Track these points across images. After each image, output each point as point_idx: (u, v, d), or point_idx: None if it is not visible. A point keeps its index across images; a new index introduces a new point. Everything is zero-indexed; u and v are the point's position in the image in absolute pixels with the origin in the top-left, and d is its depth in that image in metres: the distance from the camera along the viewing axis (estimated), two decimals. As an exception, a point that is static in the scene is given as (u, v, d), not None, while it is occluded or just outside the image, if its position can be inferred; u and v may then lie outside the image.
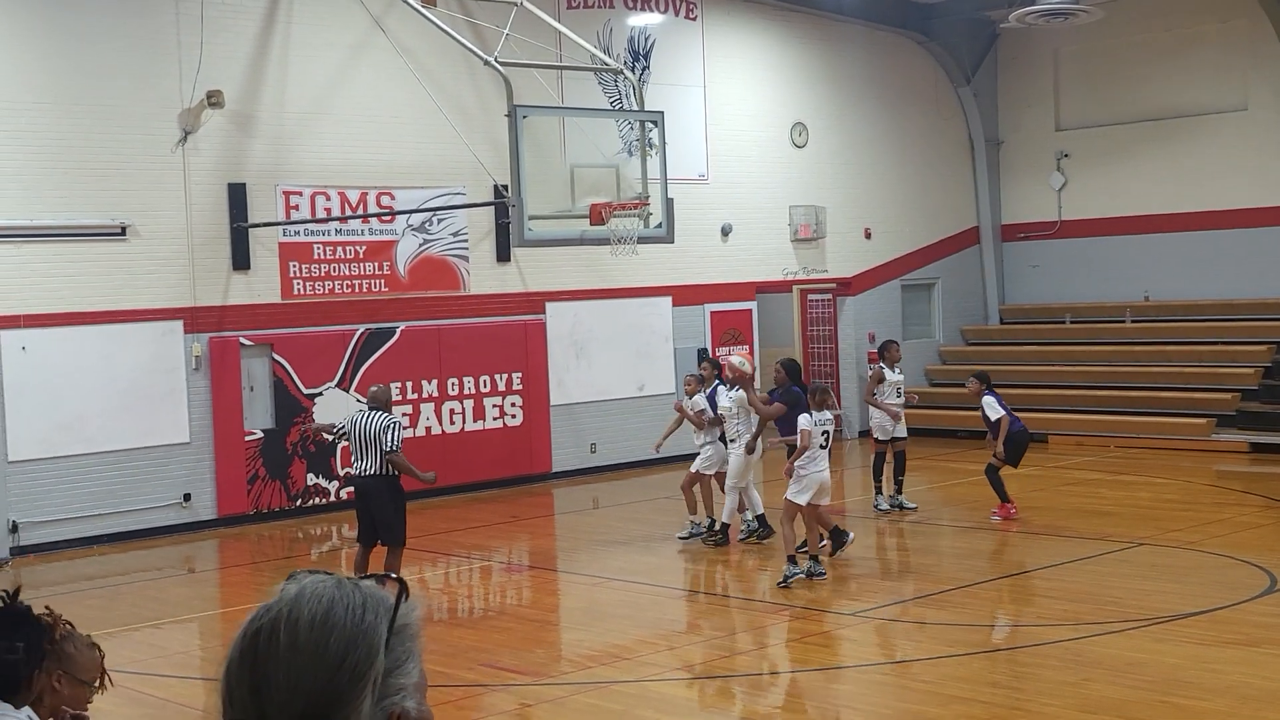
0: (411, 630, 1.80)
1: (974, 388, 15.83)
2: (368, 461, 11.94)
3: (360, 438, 11.97)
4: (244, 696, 1.73)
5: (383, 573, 1.83)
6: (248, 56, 17.28)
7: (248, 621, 1.78)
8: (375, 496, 12.02)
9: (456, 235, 19.01)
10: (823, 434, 12.80)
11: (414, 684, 1.77)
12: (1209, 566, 12.95)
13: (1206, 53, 23.24)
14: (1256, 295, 22.66)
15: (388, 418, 11.99)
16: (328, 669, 1.70)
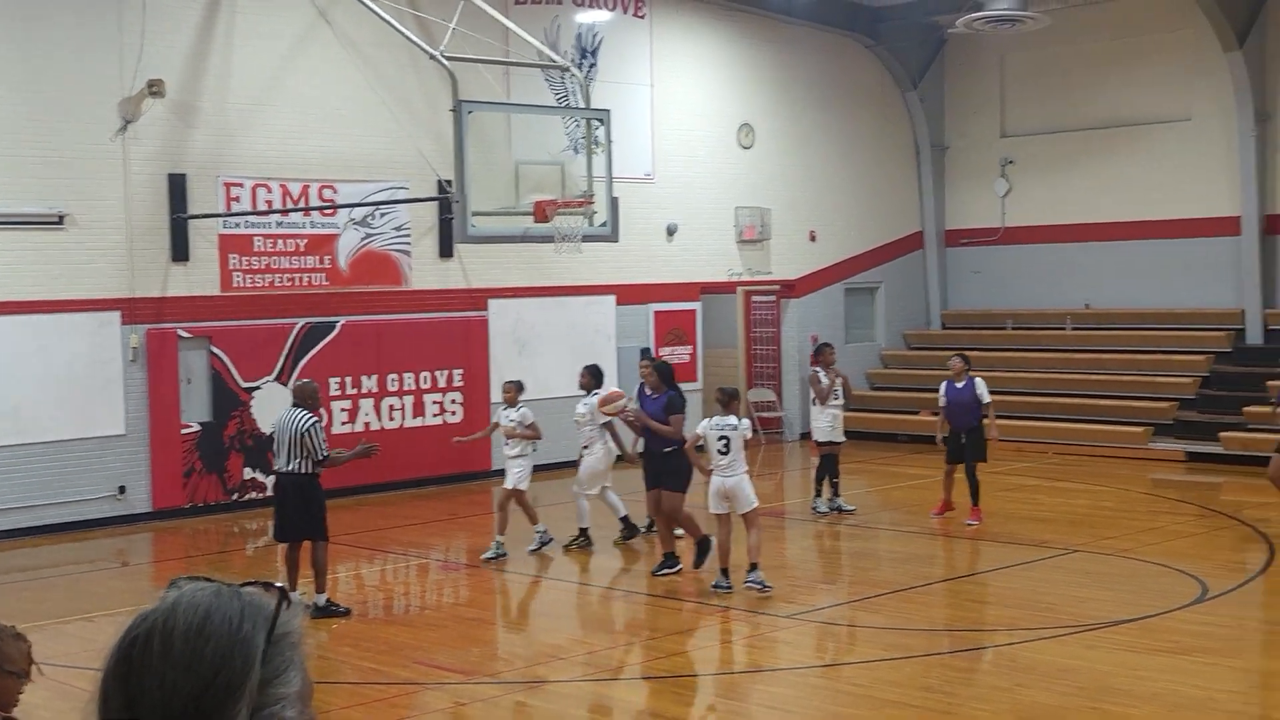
0: (292, 639, 1.76)
1: (959, 367, 15.64)
2: (286, 458, 11.87)
3: (279, 435, 11.92)
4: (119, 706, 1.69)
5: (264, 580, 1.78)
6: (190, 45, 17.08)
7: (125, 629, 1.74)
8: (293, 493, 11.96)
9: (399, 230, 18.88)
10: (720, 440, 12.14)
11: (295, 693, 1.74)
12: (1142, 574, 13.06)
13: (1151, 63, 23.45)
14: (1196, 305, 22.90)
15: (309, 420, 11.86)
16: (202, 680, 1.67)
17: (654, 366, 13.89)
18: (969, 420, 15.44)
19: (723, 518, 12.27)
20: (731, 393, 12.66)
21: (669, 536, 13.27)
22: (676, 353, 22.14)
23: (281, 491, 12.13)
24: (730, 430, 12.12)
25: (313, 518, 11.96)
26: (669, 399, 13.31)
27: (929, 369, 24.42)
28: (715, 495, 12.20)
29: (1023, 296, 24.95)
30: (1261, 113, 21.93)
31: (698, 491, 13.23)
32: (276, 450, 12.05)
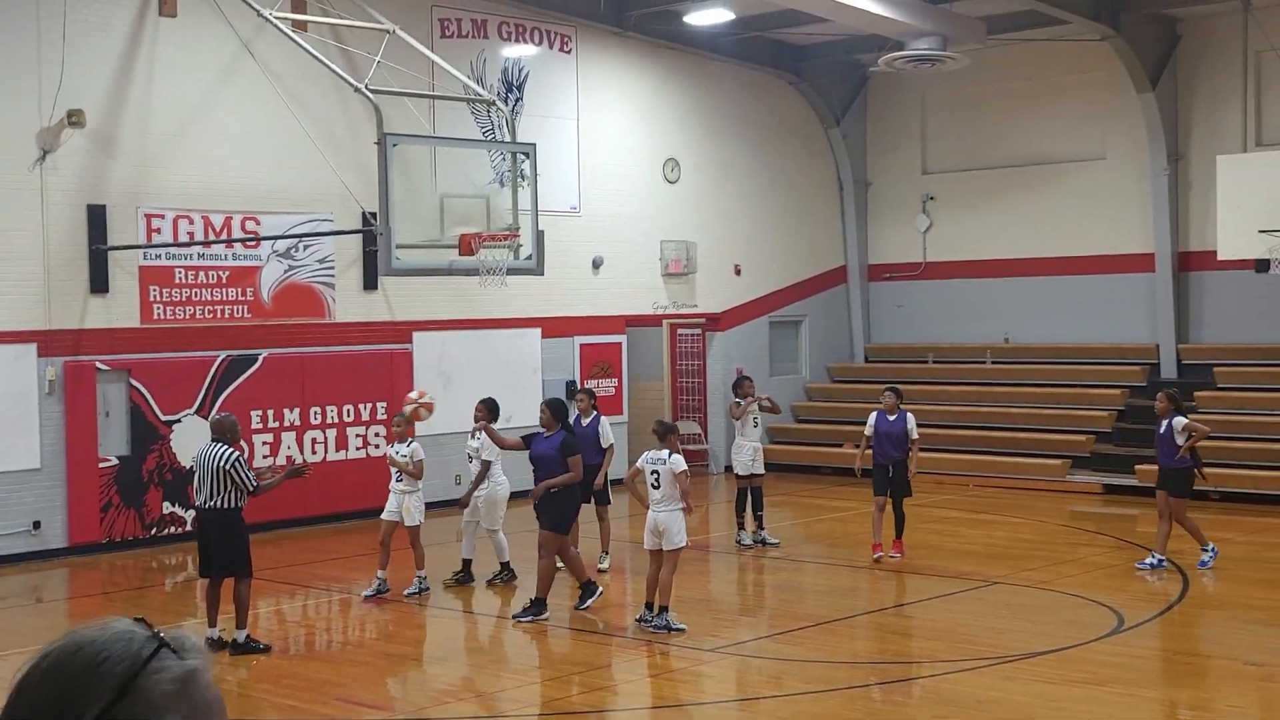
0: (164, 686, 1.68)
1: (891, 401, 15.43)
2: (207, 494, 11.80)
3: (202, 470, 11.84)
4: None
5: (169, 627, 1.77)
6: (111, 76, 16.93)
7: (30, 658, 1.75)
8: (216, 529, 11.88)
9: (323, 262, 18.78)
10: (651, 474, 12.10)
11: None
12: (1060, 606, 13.23)
13: (1067, 103, 23.92)
14: (1112, 340, 23.30)
15: (231, 455, 11.82)
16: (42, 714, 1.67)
17: (546, 403, 13.50)
18: (897, 454, 15.40)
19: (654, 554, 12.18)
20: (668, 427, 12.53)
21: (580, 567, 13.16)
22: (602, 385, 22.17)
23: (203, 527, 12.02)
24: (660, 465, 12.06)
25: (236, 553, 11.86)
26: (563, 440, 12.91)
27: (853, 402, 24.65)
28: (648, 530, 12.15)
29: (944, 330, 25.26)
30: (1173, 153, 22.42)
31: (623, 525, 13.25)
32: (197, 485, 11.93)
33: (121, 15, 16.98)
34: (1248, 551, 16.09)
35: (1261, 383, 21.37)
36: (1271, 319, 21.85)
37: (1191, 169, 22.46)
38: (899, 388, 16.10)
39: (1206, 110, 22.33)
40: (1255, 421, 20.71)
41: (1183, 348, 22.52)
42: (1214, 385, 21.73)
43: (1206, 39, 22.21)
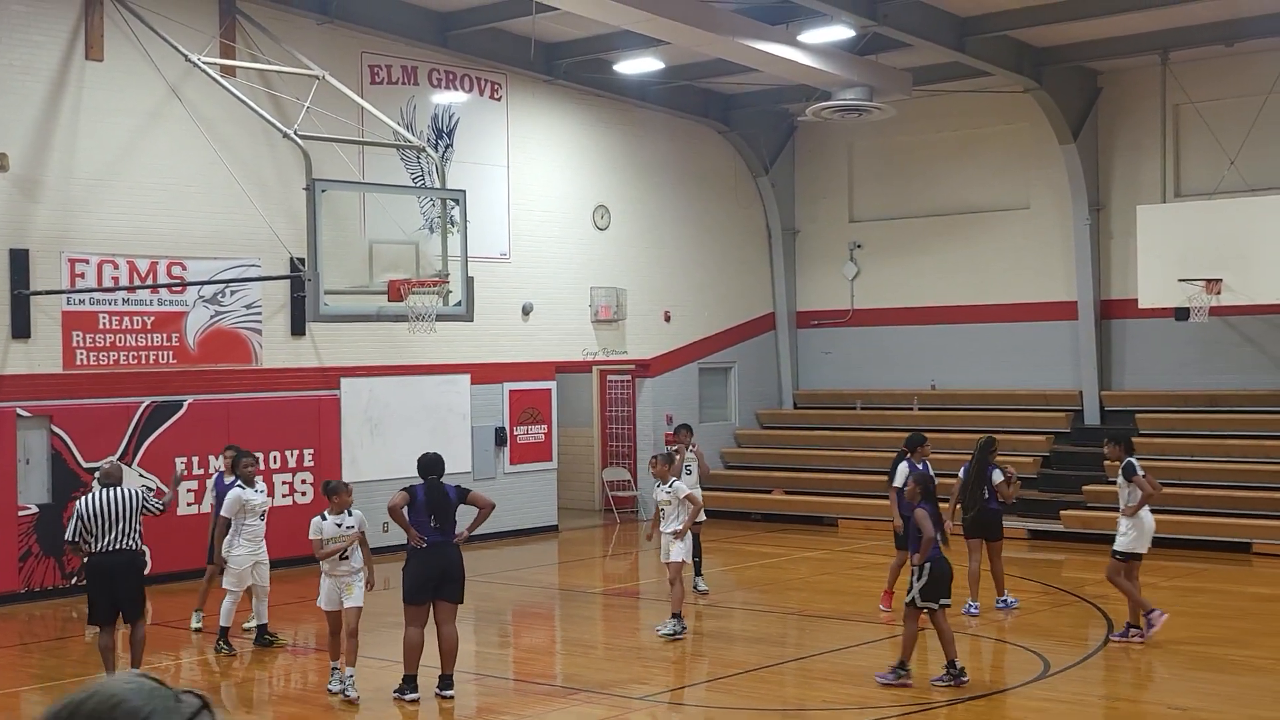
0: None
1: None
2: (119, 537, 11.73)
3: (112, 514, 11.73)
4: None
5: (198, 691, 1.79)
6: (36, 119, 16.74)
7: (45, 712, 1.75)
8: (127, 571, 11.86)
9: (250, 308, 18.63)
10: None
11: None
12: (987, 651, 13.32)
13: (992, 153, 24.31)
14: (1037, 387, 23.60)
15: (139, 490, 12.10)
16: None
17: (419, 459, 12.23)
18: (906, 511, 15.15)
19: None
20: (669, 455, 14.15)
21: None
22: (531, 432, 22.12)
23: (112, 572, 11.80)
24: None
25: (142, 595, 12.03)
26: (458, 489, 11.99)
27: (782, 448, 24.78)
28: None
29: (872, 377, 25.47)
30: (1095, 203, 22.83)
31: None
32: (103, 531, 11.74)
33: (46, 59, 16.82)
34: (1171, 596, 16.27)
35: (1182, 429, 21.71)
36: (1191, 366, 22.24)
37: (1113, 219, 22.87)
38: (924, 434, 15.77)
39: (1127, 161, 22.77)
40: (1176, 467, 21.00)
41: (1105, 394, 22.86)
42: (1136, 431, 22.01)
43: (1126, 92, 22.68)
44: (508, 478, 21.78)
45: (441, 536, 11.62)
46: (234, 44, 18.16)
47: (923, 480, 12.24)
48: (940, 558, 11.86)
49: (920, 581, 11.77)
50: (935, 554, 11.81)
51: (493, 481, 21.49)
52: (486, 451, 21.44)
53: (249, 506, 13.42)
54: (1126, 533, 13.67)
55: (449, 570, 11.62)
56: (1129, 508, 13.70)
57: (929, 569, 11.77)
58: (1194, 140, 21.95)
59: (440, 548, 11.60)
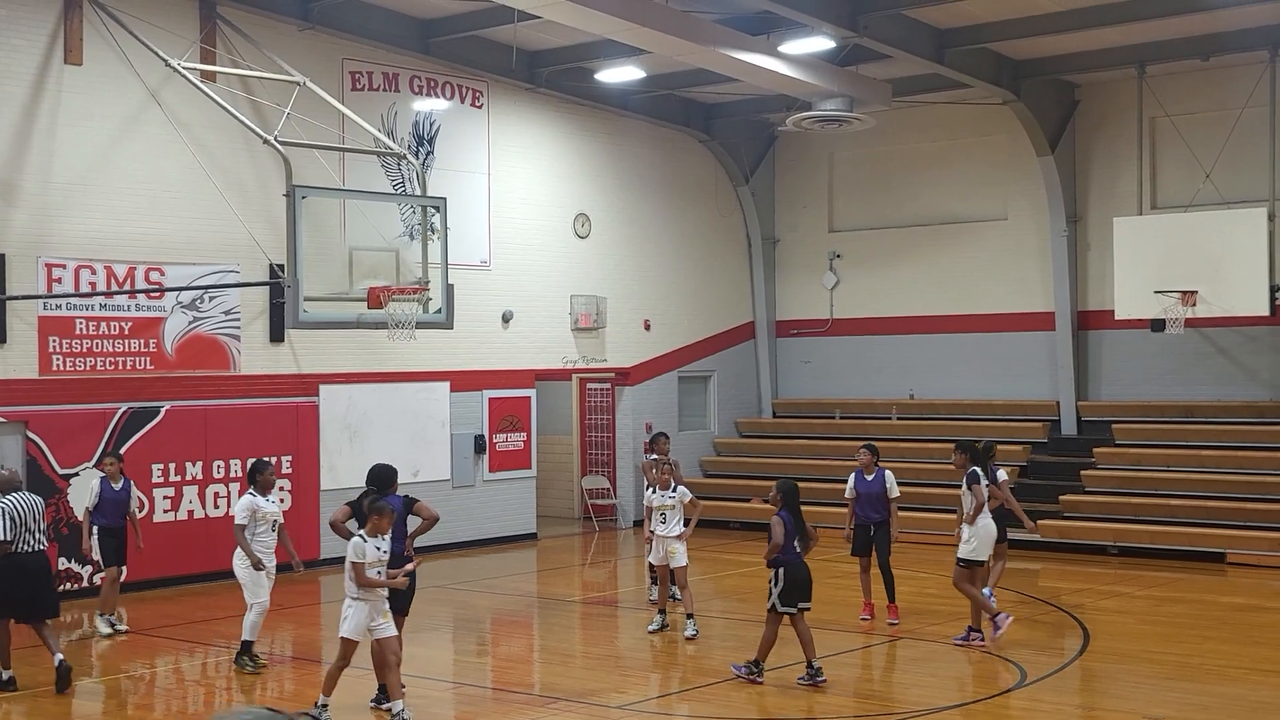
0: None
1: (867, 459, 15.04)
2: (35, 538, 12.33)
3: (31, 517, 12.31)
4: None
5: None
6: (13, 123, 16.67)
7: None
8: (44, 571, 12.48)
9: (228, 314, 18.57)
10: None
11: None
12: (964, 660, 13.35)
13: (970, 164, 24.41)
14: (1015, 397, 23.69)
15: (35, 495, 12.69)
16: None
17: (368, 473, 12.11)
18: (877, 514, 15.09)
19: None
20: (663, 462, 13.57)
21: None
22: (510, 439, 22.11)
23: (30, 571, 12.32)
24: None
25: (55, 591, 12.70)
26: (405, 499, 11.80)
27: (761, 457, 24.81)
28: None
29: (850, 386, 25.53)
30: (1072, 214, 22.95)
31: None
32: (20, 533, 12.23)
33: (25, 63, 16.75)
34: (1146, 606, 16.37)
35: (1158, 440, 21.81)
36: (1167, 377, 22.36)
37: (1090, 230, 22.99)
38: (875, 445, 15.71)
39: (1104, 173, 22.90)
40: (1152, 478, 21.13)
41: (1082, 405, 22.96)
42: (1113, 442, 22.15)
43: (1104, 104, 22.81)
44: (487, 485, 21.76)
45: (395, 548, 11.34)
46: (214, 49, 18.12)
47: (784, 489, 12.36)
48: (796, 562, 12.12)
49: (777, 587, 12.05)
50: (791, 558, 12.08)
51: (472, 489, 21.49)
52: (466, 459, 21.41)
53: (261, 515, 13.21)
54: (969, 540, 13.90)
55: None
56: (968, 515, 13.93)
57: (783, 574, 12.05)
58: (1170, 153, 22.08)
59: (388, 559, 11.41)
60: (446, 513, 20.90)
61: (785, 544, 12.02)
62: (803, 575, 12.16)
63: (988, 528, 13.95)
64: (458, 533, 20.92)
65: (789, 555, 12.04)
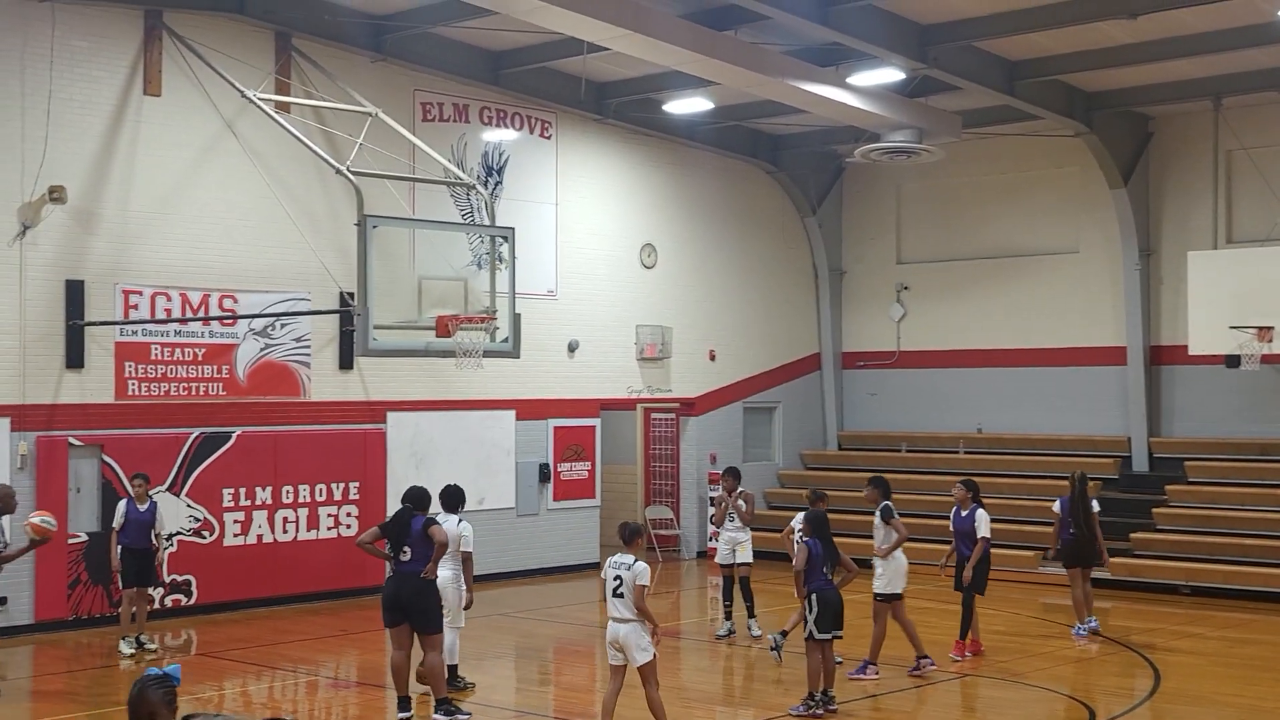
0: None
1: (961, 494, 15.11)
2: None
3: None
4: None
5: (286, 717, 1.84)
6: (93, 153, 17.00)
7: None
8: None
9: (299, 341, 18.79)
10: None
11: None
12: (1033, 700, 13.20)
13: (1041, 197, 24.23)
14: (1085, 432, 23.43)
15: None
16: None
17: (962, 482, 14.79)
18: (967, 550, 14.91)
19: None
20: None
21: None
22: (575, 469, 22.16)
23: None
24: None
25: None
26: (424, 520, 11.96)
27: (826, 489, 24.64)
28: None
29: (917, 419, 25.37)
30: (1145, 248, 22.70)
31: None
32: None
33: (106, 94, 17.09)
34: (1219, 647, 16.10)
35: (1232, 477, 21.48)
36: (1242, 414, 22.02)
37: (1163, 264, 22.74)
38: (973, 480, 15.53)
39: (1178, 206, 22.65)
40: (1226, 516, 20.79)
41: (1154, 441, 22.66)
42: (1185, 479, 21.84)
43: (1178, 137, 22.58)
44: (551, 514, 21.81)
45: (408, 567, 11.76)
46: (289, 80, 18.40)
47: (813, 519, 12.52)
48: (828, 589, 12.22)
49: (813, 614, 12.13)
50: (823, 585, 12.19)
51: (536, 517, 21.55)
52: (530, 488, 21.49)
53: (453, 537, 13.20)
54: (881, 574, 14.04)
55: (405, 599, 11.74)
56: (883, 549, 14.07)
57: (816, 600, 12.14)
58: (1246, 186, 21.81)
59: (400, 577, 11.80)
60: (510, 541, 21.08)
61: (813, 570, 12.13)
62: (835, 601, 12.26)
63: (901, 561, 14.14)
64: (522, 561, 20.98)
65: (820, 582, 12.15)
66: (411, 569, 11.73)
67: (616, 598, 10.73)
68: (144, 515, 15.21)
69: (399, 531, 11.83)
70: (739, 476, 16.70)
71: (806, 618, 12.22)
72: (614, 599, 10.75)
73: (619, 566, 10.79)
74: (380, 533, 11.98)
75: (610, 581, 10.78)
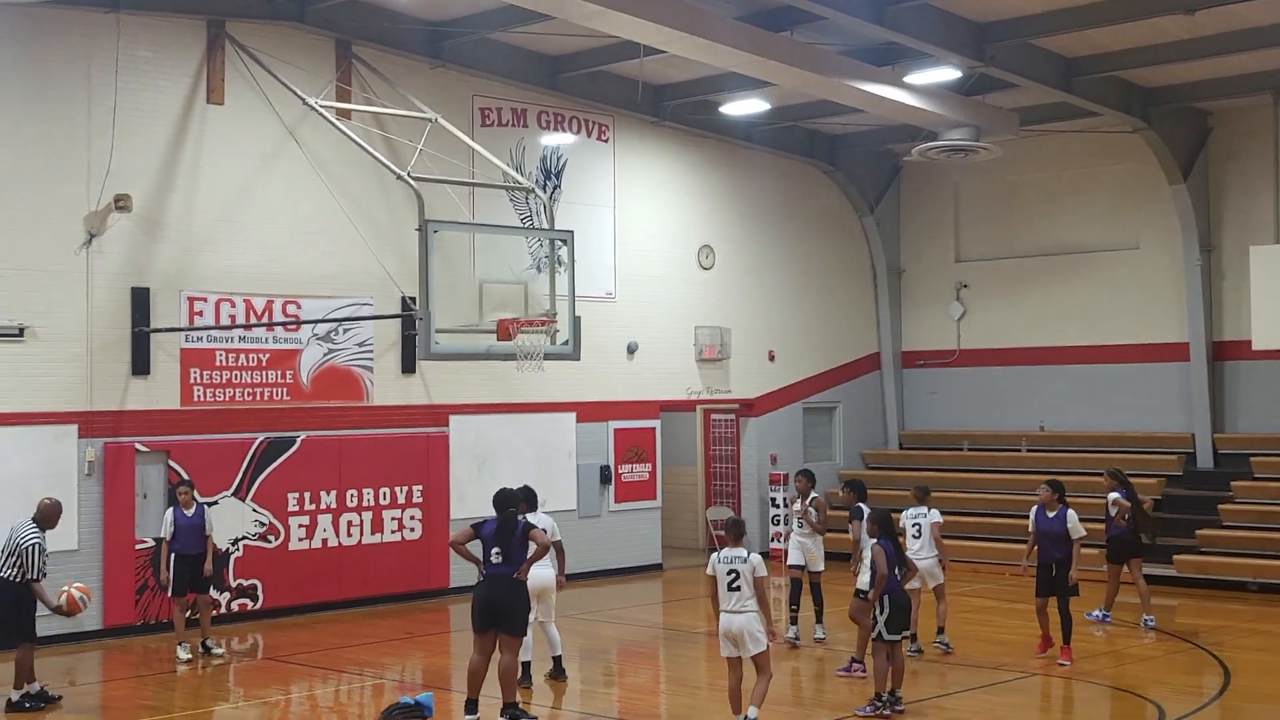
0: None
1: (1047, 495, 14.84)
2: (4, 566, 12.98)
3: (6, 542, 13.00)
4: None
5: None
6: (158, 161, 17.23)
7: None
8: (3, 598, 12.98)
9: (362, 346, 18.95)
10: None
11: None
12: (1100, 699, 13.11)
13: (1100, 193, 24.05)
14: (1148, 429, 23.22)
15: (32, 538, 12.97)
16: None
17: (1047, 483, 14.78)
18: (1057, 554, 14.59)
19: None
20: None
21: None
22: (635, 470, 22.20)
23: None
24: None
25: (19, 620, 12.99)
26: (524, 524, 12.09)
27: (887, 489, 24.56)
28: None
29: (978, 418, 25.23)
30: (1206, 243, 22.48)
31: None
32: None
33: (170, 103, 17.32)
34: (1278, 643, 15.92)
35: (1299, 473, 21.21)
36: (1308, 409, 21.75)
37: (1225, 259, 22.51)
38: (1059, 480, 15.31)
39: (1239, 201, 22.41)
40: (1294, 512, 20.54)
41: (1219, 437, 22.43)
42: (1251, 475, 21.60)
43: (1237, 131, 22.34)
44: (612, 516, 21.87)
45: (503, 569, 11.79)
46: (349, 87, 18.57)
47: (879, 519, 12.53)
48: (897, 590, 12.25)
49: (884, 615, 12.14)
50: (893, 586, 12.21)
51: (598, 519, 21.62)
52: (591, 489, 21.56)
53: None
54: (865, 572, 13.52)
55: (501, 601, 11.76)
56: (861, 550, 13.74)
57: (889, 601, 12.16)
58: (1310, 180, 21.53)
59: (496, 579, 11.81)
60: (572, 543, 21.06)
61: (887, 572, 12.15)
62: (904, 602, 12.36)
63: None
64: (583, 563, 21.04)
65: (891, 583, 12.18)
66: (504, 571, 11.75)
67: (733, 591, 11.01)
68: (192, 520, 15.39)
69: (505, 534, 11.82)
70: (813, 480, 16.46)
71: (877, 619, 12.21)
72: (729, 592, 11.02)
73: (733, 561, 11.08)
74: (474, 533, 11.99)
75: (725, 576, 11.04)
